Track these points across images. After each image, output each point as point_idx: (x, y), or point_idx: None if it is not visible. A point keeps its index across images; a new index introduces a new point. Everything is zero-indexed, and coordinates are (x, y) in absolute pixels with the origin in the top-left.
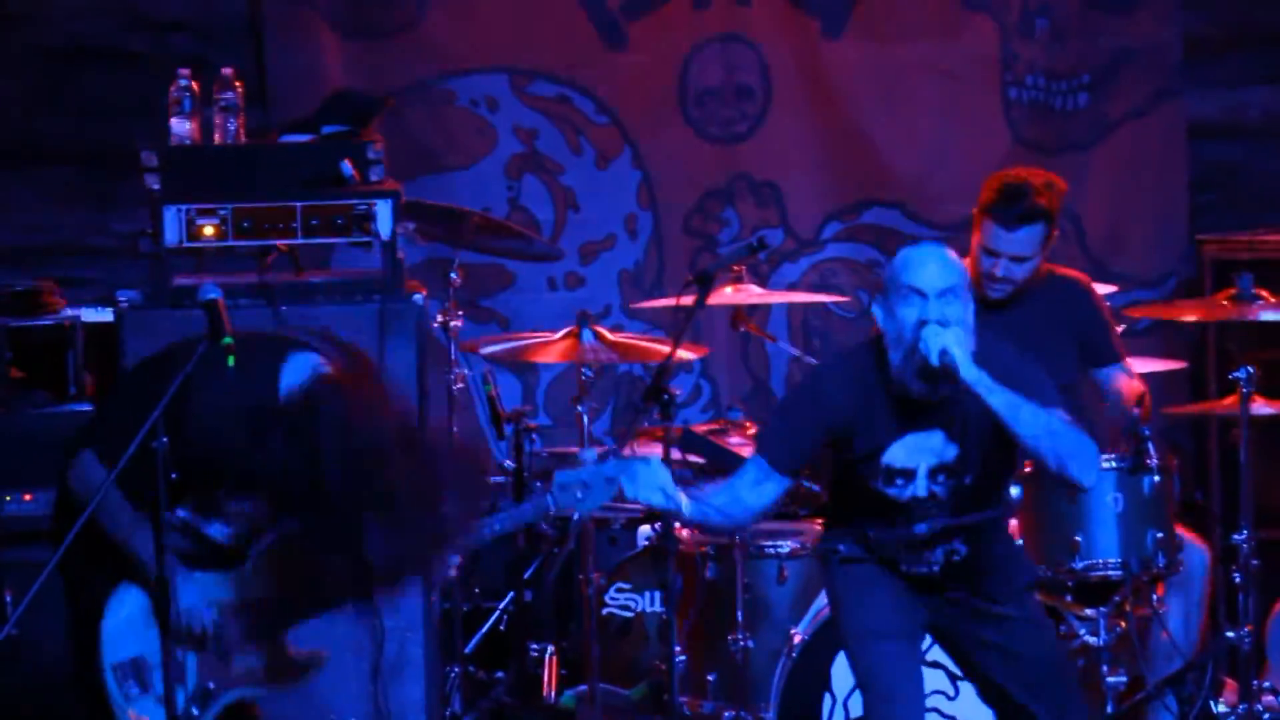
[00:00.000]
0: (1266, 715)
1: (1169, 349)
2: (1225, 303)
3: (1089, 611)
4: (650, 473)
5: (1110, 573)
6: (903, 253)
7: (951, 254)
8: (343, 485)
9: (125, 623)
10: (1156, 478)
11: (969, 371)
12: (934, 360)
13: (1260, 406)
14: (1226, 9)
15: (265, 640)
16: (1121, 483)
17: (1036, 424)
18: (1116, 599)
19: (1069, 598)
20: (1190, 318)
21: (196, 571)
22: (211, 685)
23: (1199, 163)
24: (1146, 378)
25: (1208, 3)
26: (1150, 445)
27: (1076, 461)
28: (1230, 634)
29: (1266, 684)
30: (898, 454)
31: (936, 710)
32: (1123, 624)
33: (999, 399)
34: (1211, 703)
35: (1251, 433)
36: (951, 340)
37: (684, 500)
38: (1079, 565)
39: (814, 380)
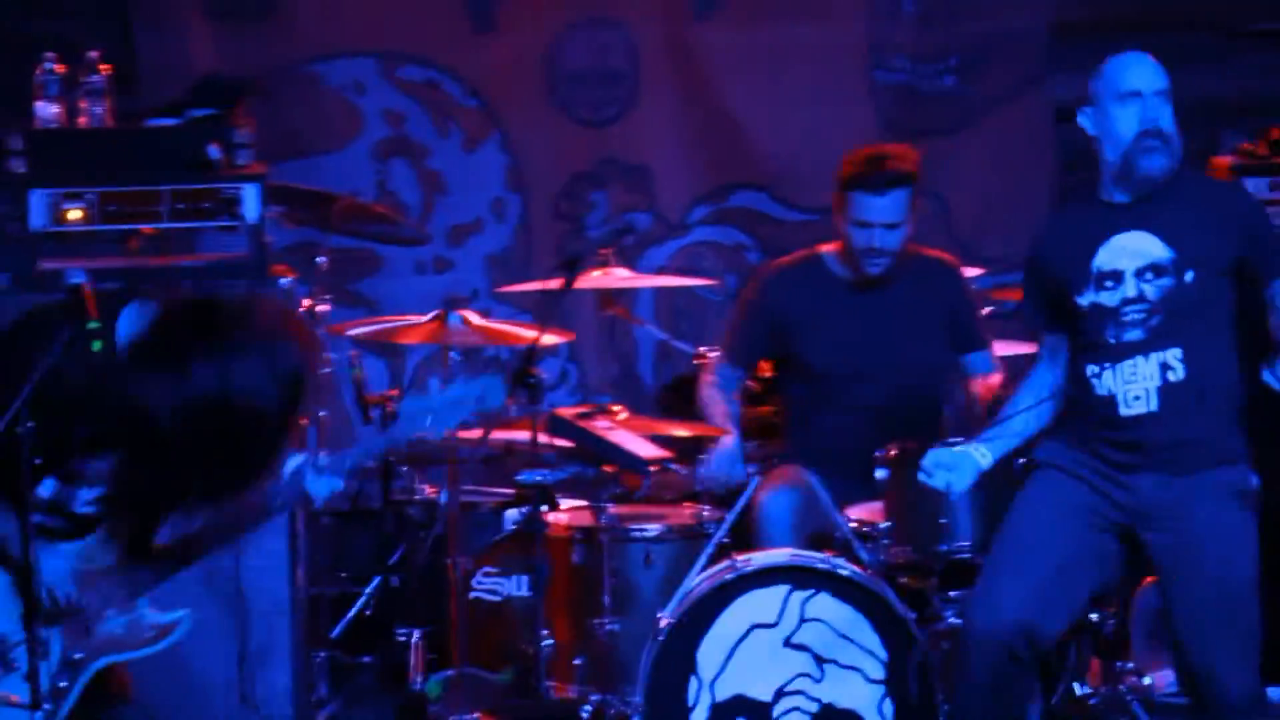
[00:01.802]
0: (1130, 696)
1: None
2: None
3: (954, 594)
4: None
5: (970, 555)
6: (1111, 61)
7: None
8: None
9: None
10: (1021, 460)
11: None
12: None
13: None
14: None
15: (123, 606)
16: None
17: None
18: None
19: (935, 581)
20: None
21: (54, 544)
22: (77, 655)
23: (1069, 144)
24: (1012, 360)
25: None
26: None
27: None
28: (1094, 616)
29: (1130, 665)
30: (1104, 257)
31: (802, 693)
32: None
33: None
34: (1075, 685)
35: None
36: None
37: None
38: (944, 548)
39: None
